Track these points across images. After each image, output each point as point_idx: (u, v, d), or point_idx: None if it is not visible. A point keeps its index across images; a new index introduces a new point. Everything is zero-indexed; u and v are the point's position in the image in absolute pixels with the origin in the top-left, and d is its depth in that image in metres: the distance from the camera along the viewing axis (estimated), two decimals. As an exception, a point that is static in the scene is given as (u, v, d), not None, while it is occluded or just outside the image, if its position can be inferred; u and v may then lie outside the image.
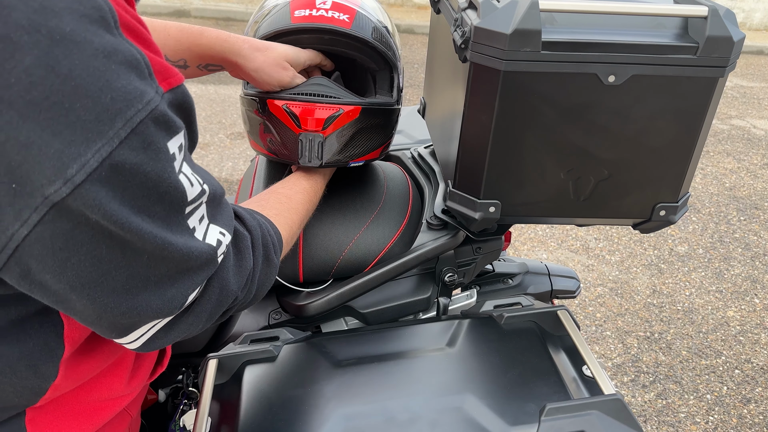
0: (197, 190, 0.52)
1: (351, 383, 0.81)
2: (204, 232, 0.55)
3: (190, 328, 0.60)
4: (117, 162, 0.44)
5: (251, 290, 0.66)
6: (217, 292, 0.59)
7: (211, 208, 0.57)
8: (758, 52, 6.80)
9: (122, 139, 0.44)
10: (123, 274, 0.49)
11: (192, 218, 0.53)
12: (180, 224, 0.51)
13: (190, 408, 1.02)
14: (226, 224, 0.59)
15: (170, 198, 0.49)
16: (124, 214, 0.45)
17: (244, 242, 0.64)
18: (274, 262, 0.70)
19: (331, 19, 0.92)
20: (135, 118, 0.44)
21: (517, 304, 0.97)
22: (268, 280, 0.70)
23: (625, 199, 0.86)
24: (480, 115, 0.79)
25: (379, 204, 1.04)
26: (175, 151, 0.49)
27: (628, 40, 0.74)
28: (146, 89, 0.46)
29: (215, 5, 6.32)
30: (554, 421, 0.71)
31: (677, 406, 2.08)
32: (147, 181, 0.46)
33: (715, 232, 3.15)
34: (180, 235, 0.51)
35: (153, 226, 0.48)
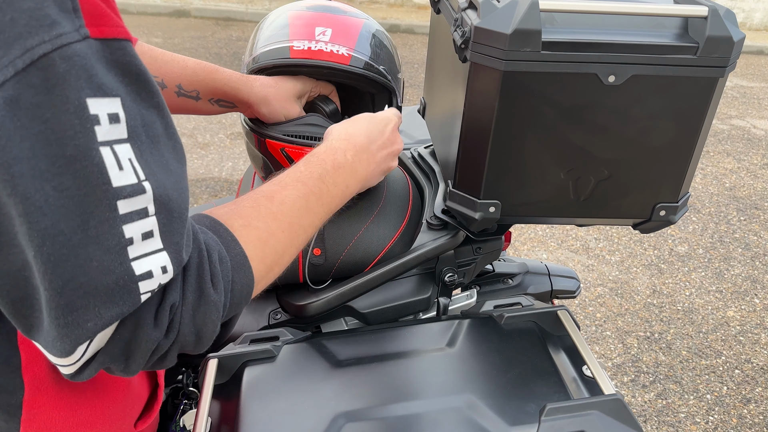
0: (131, 179, 0.42)
1: (351, 383, 0.81)
2: (143, 252, 0.44)
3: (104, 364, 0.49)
4: (10, 96, 0.37)
5: (183, 332, 0.50)
6: (129, 336, 0.47)
7: (166, 229, 0.45)
8: (758, 52, 6.80)
9: (18, 70, 0.37)
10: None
11: (131, 226, 0.43)
12: (105, 222, 0.42)
13: (190, 408, 1.02)
14: (176, 264, 0.47)
15: (81, 169, 0.40)
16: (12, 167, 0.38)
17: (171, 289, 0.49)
18: (211, 297, 0.51)
19: (330, 54, 0.91)
20: (37, 50, 0.38)
21: (517, 304, 0.97)
22: (206, 318, 0.51)
23: (625, 199, 0.86)
24: (480, 115, 0.79)
25: (379, 204, 1.04)
26: (99, 113, 0.40)
27: (628, 40, 0.74)
28: (60, 21, 0.39)
29: (215, 5, 6.32)
30: (554, 421, 0.71)
31: (677, 406, 2.08)
32: (46, 132, 0.39)
33: (715, 232, 3.15)
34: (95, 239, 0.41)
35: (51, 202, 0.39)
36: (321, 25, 0.94)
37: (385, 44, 1.00)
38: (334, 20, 0.95)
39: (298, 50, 0.92)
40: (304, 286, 1.02)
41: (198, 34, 5.66)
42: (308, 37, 0.93)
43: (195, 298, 0.50)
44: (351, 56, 0.92)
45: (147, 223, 0.44)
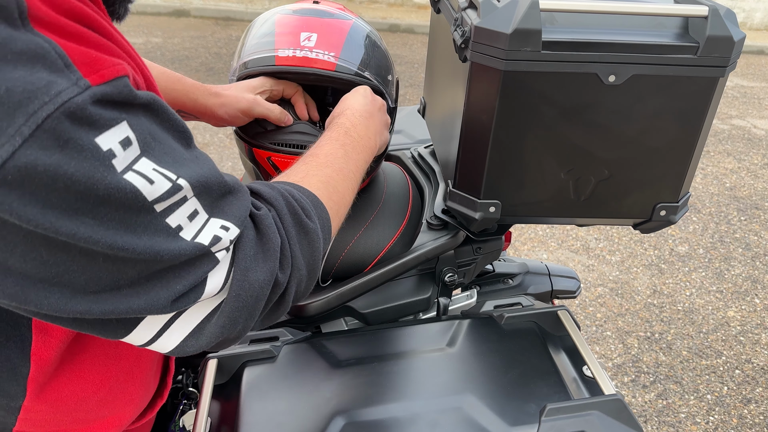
0: (164, 187, 0.46)
1: (351, 383, 0.81)
2: (198, 229, 0.50)
3: (227, 329, 0.55)
4: (24, 164, 0.39)
5: (296, 265, 0.59)
6: (239, 285, 0.54)
7: (207, 202, 0.51)
8: (759, 51, 6.80)
9: (26, 137, 0.39)
10: (80, 276, 0.45)
11: (173, 216, 0.48)
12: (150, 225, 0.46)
13: (190, 408, 1.02)
14: (233, 217, 0.53)
15: (118, 200, 0.44)
16: (49, 219, 0.41)
17: (266, 221, 0.57)
18: (310, 226, 0.61)
19: (315, 60, 0.91)
20: (40, 113, 0.39)
21: (518, 304, 0.97)
22: (311, 248, 0.61)
23: (626, 199, 0.86)
24: (480, 115, 0.79)
25: (379, 204, 1.04)
26: (112, 147, 0.43)
27: (629, 39, 0.74)
28: (56, 80, 0.40)
29: (215, 5, 6.32)
30: (555, 422, 0.71)
31: (678, 407, 2.08)
32: (74, 184, 0.41)
33: (716, 232, 3.15)
34: (148, 237, 0.46)
35: (100, 230, 0.43)
36: (306, 30, 0.93)
37: (373, 46, 0.98)
38: (320, 24, 0.94)
39: (283, 57, 0.91)
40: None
41: (198, 33, 5.66)
42: (293, 43, 0.92)
43: (297, 231, 0.60)
44: (336, 62, 0.91)
45: (188, 207, 0.49)
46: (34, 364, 0.56)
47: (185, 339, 0.53)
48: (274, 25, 0.95)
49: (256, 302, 0.55)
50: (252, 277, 0.54)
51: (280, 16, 0.96)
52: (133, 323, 0.51)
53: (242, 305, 0.54)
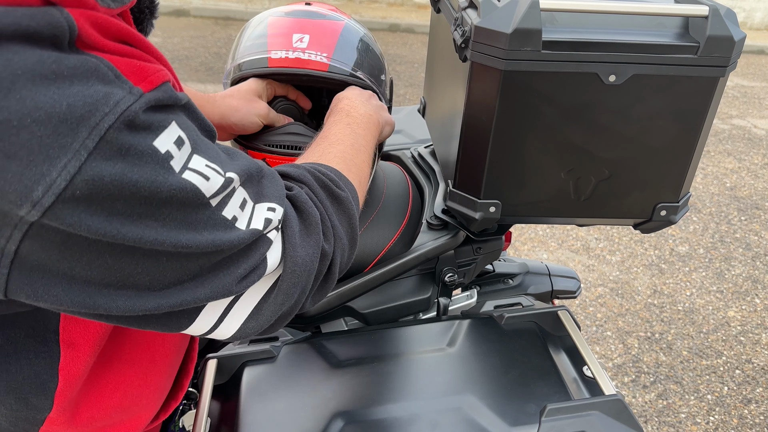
0: (218, 182, 0.48)
1: (351, 383, 0.81)
2: (249, 216, 0.52)
3: (285, 305, 0.57)
4: (91, 177, 0.40)
5: (338, 235, 0.61)
6: (292, 261, 0.55)
7: (252, 189, 0.53)
8: (759, 51, 6.80)
9: (90, 150, 0.40)
10: (145, 277, 0.46)
11: (228, 208, 0.50)
12: (208, 220, 0.48)
13: (190, 408, 1.02)
14: (274, 197, 0.55)
15: (180, 200, 0.45)
16: (115, 227, 0.42)
17: (300, 198, 0.59)
18: (343, 195, 0.63)
19: (308, 62, 0.91)
20: (102, 124, 0.40)
21: (518, 304, 0.97)
22: (348, 216, 0.64)
23: (626, 199, 0.86)
24: (480, 114, 0.79)
25: (379, 204, 1.04)
26: (169, 148, 0.45)
27: (629, 39, 0.74)
28: (113, 91, 0.41)
29: (214, 4, 6.32)
30: (555, 422, 0.71)
31: (678, 407, 2.08)
32: (139, 190, 0.42)
33: (716, 232, 3.15)
34: (209, 232, 0.48)
35: (164, 231, 0.45)
36: (299, 31, 0.93)
37: (366, 46, 0.99)
38: (312, 26, 0.94)
39: (275, 59, 0.91)
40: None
41: (197, 33, 5.66)
42: (286, 45, 0.92)
43: (331, 202, 0.62)
44: (329, 63, 0.92)
45: (237, 198, 0.51)
46: (63, 379, 0.56)
47: (246, 321, 0.55)
48: (266, 27, 0.96)
49: (309, 275, 0.57)
50: (302, 251, 0.56)
51: (272, 18, 0.97)
52: (196, 311, 0.52)
53: (296, 280, 0.56)
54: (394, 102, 4.38)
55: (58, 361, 0.55)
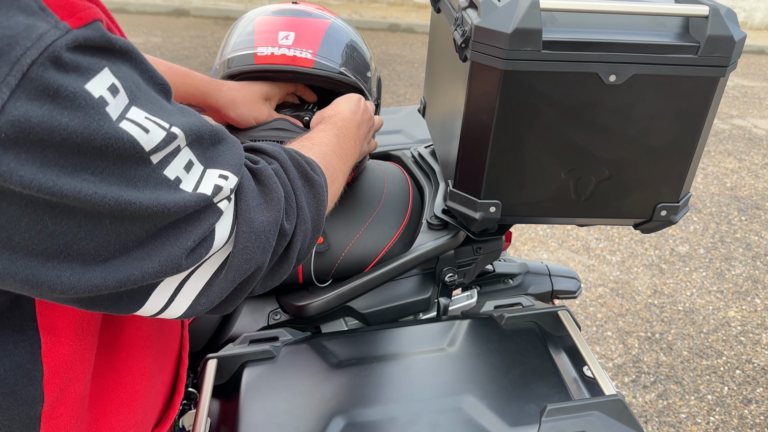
0: (158, 135, 0.44)
1: (351, 384, 0.81)
2: (196, 180, 0.49)
3: (236, 282, 0.54)
4: (16, 117, 0.36)
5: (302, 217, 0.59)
6: (245, 236, 0.53)
7: (201, 151, 0.50)
8: (759, 51, 6.80)
9: (13, 88, 0.36)
10: (89, 243, 0.43)
11: (171, 168, 0.46)
12: (148, 177, 0.44)
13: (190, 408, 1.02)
14: (228, 165, 0.52)
15: (116, 151, 0.41)
16: (51, 179, 0.39)
17: (265, 172, 0.57)
18: (316, 179, 0.62)
19: (293, 58, 0.92)
20: (24, 60, 0.36)
21: (518, 304, 0.97)
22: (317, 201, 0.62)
23: (626, 199, 0.86)
24: (480, 114, 0.79)
25: (379, 204, 1.04)
26: (102, 94, 0.41)
27: (629, 39, 0.74)
28: (36, 24, 0.37)
29: (214, 4, 6.32)
30: (555, 422, 0.71)
31: (678, 407, 2.08)
32: (71, 136, 0.39)
33: (716, 232, 3.15)
34: (150, 190, 0.44)
35: (103, 186, 0.41)
36: (284, 29, 0.95)
37: (352, 43, 1.00)
38: (297, 24, 0.96)
39: (261, 56, 0.93)
40: (303, 286, 1.02)
41: (197, 33, 5.66)
42: (271, 42, 0.93)
43: (303, 183, 0.60)
44: (314, 59, 0.93)
45: (182, 158, 0.48)
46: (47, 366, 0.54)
47: (196, 298, 0.53)
48: (254, 26, 0.97)
49: (263, 252, 0.55)
50: (257, 226, 0.54)
51: (260, 17, 0.99)
52: (147, 291, 0.50)
53: (248, 256, 0.54)
54: (394, 102, 4.39)
55: (40, 349, 0.53)
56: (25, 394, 0.54)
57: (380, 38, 6.15)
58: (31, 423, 0.56)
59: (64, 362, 0.56)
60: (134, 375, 0.66)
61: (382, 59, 5.38)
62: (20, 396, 0.53)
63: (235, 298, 0.58)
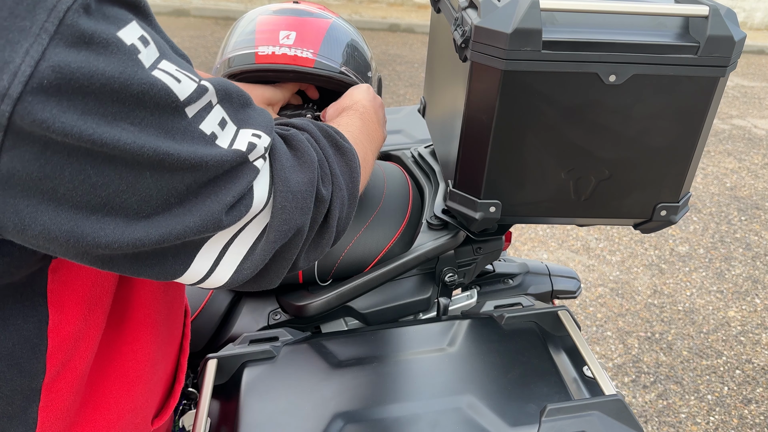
0: (190, 86, 0.45)
1: (351, 383, 0.81)
2: (232, 137, 0.49)
3: (278, 244, 0.54)
4: (56, 63, 0.37)
5: (337, 184, 0.59)
6: (283, 196, 0.53)
7: (233, 110, 0.51)
8: (759, 51, 6.80)
9: (52, 35, 0.37)
10: (131, 197, 0.43)
11: (206, 123, 0.47)
12: (185, 130, 0.45)
13: (190, 408, 1.02)
14: (260, 125, 0.52)
15: (152, 99, 0.42)
16: (91, 127, 0.39)
17: (297, 137, 0.57)
18: (347, 147, 0.62)
19: (294, 58, 0.92)
20: (60, 6, 0.37)
21: (518, 304, 0.97)
22: (350, 168, 0.62)
23: (626, 199, 0.86)
24: (480, 114, 0.79)
25: (379, 204, 1.04)
26: (134, 42, 0.42)
27: (629, 39, 0.74)
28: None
29: (214, 4, 6.32)
30: (555, 422, 0.71)
31: (678, 407, 2.08)
32: (109, 82, 0.39)
33: (716, 232, 3.15)
34: (188, 143, 0.45)
35: (142, 136, 0.42)
36: (286, 28, 0.95)
37: (353, 43, 1.00)
38: (298, 23, 0.96)
39: (262, 55, 0.93)
40: (303, 286, 1.02)
41: (197, 33, 5.66)
42: (272, 41, 0.93)
43: (334, 151, 0.61)
44: (315, 59, 0.93)
45: (215, 114, 0.48)
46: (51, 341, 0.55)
47: (240, 263, 0.53)
48: (255, 24, 0.97)
49: (302, 213, 0.55)
50: (294, 186, 0.54)
51: (261, 17, 0.99)
52: (192, 252, 0.50)
53: (289, 216, 0.54)
54: (394, 102, 4.38)
55: (47, 324, 0.54)
56: (29, 366, 0.54)
57: (380, 38, 6.15)
58: (32, 395, 0.56)
59: (69, 338, 0.56)
60: (138, 358, 0.66)
61: (382, 59, 5.38)
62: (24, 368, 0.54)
63: (278, 267, 0.57)
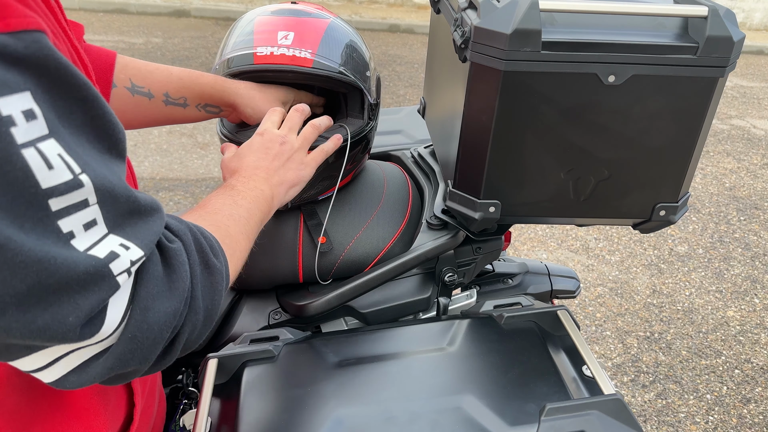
0: (62, 177, 0.39)
1: (351, 383, 0.81)
2: (93, 242, 0.42)
3: (114, 370, 0.48)
4: None
5: (195, 308, 0.52)
6: (136, 325, 0.47)
7: (112, 214, 0.44)
8: (758, 52, 6.80)
9: None
10: None
11: (67, 220, 0.41)
12: (39, 222, 0.39)
13: (190, 408, 1.02)
14: (138, 238, 0.46)
15: (6, 178, 0.37)
16: None
17: (176, 258, 0.50)
18: (216, 266, 0.55)
19: (292, 58, 0.92)
20: None
21: (517, 304, 0.97)
22: (214, 291, 0.55)
23: (625, 199, 0.86)
24: (480, 115, 0.79)
25: (379, 204, 1.04)
26: (13, 113, 0.37)
27: (628, 40, 0.74)
28: None
29: (215, 5, 6.32)
30: (554, 421, 0.71)
31: (677, 406, 2.08)
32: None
33: (715, 232, 3.15)
34: (37, 236, 0.39)
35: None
36: (284, 29, 0.95)
37: (351, 43, 1.00)
38: (297, 23, 0.96)
39: (261, 56, 0.93)
40: (303, 286, 1.02)
41: (198, 33, 5.66)
42: (271, 42, 0.94)
43: (202, 270, 0.53)
44: (313, 59, 0.93)
45: (87, 213, 0.42)
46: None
47: (67, 374, 0.47)
48: (253, 25, 0.98)
49: (153, 345, 0.48)
50: (152, 318, 0.47)
51: (259, 17, 0.99)
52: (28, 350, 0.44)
53: (136, 347, 0.47)
54: (394, 102, 4.39)
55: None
56: None
57: (380, 39, 6.15)
58: None
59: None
60: (77, 392, 0.60)
61: (382, 60, 5.38)
62: None
63: (116, 380, 0.51)
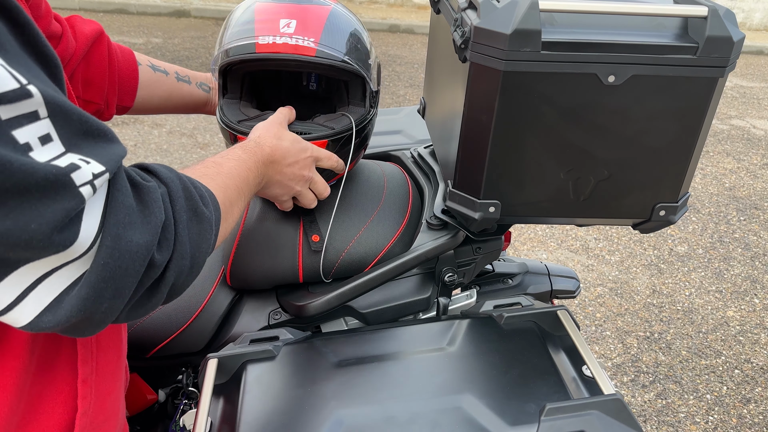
0: (9, 84, 0.40)
1: (351, 383, 0.81)
2: (51, 156, 0.42)
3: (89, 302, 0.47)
4: None
5: (180, 252, 0.53)
6: (108, 252, 0.46)
7: (66, 131, 0.44)
8: (758, 52, 6.80)
9: None
10: None
11: (21, 131, 0.41)
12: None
13: (190, 408, 1.02)
14: (98, 156, 0.46)
15: None
16: None
17: (149, 194, 0.51)
18: (205, 214, 0.56)
19: (295, 47, 0.91)
20: None
21: (517, 304, 0.97)
22: (202, 237, 0.56)
23: (625, 199, 0.86)
24: (480, 115, 0.79)
25: (379, 204, 1.04)
26: None
27: (628, 40, 0.74)
28: None
29: (215, 5, 6.32)
30: (554, 421, 0.71)
31: (677, 406, 2.08)
32: None
33: (715, 232, 3.15)
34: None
35: None
36: (285, 17, 0.93)
37: (353, 31, 0.99)
38: (298, 11, 0.94)
39: (263, 45, 0.91)
40: (303, 286, 1.02)
41: (198, 34, 5.66)
42: (273, 31, 0.92)
43: (189, 216, 0.54)
44: (316, 48, 0.92)
45: (40, 126, 0.42)
46: None
47: (42, 312, 0.46)
48: (253, 13, 0.96)
49: (125, 276, 0.48)
50: (124, 246, 0.47)
51: (259, 4, 0.97)
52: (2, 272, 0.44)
53: (109, 275, 0.47)
54: (394, 102, 4.39)
55: None
56: None
57: (380, 39, 6.15)
58: None
59: None
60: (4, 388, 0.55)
61: (382, 60, 5.37)
62: None
63: (87, 324, 0.50)
